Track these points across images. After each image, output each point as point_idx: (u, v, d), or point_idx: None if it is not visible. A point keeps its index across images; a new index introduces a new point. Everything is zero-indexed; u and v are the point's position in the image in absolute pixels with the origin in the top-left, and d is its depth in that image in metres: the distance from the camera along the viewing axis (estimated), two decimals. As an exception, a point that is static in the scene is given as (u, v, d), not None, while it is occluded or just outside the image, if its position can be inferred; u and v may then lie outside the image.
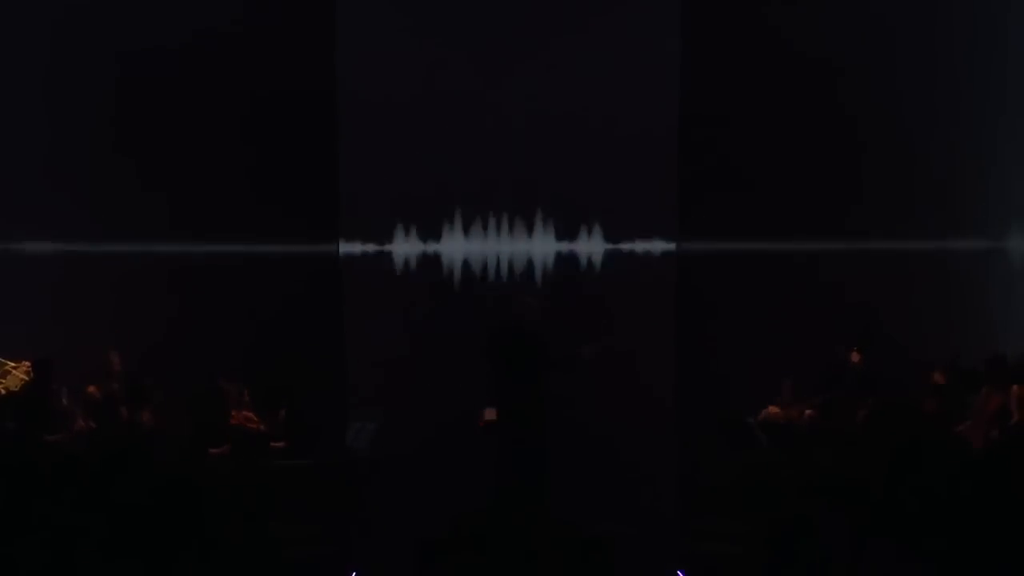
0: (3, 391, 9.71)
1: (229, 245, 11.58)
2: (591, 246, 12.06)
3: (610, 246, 12.04)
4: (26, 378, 9.78)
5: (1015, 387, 9.13)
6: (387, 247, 11.97)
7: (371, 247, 11.98)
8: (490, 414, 10.44)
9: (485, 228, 12.07)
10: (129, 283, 11.64)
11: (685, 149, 11.87)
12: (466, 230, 12.05)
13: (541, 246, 12.04)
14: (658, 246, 12.01)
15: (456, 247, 12.03)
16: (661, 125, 11.89)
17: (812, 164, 11.75)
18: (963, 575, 6.67)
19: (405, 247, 11.99)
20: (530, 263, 12.07)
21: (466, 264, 12.07)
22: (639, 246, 12.03)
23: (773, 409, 10.04)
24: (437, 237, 12.05)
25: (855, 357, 10.07)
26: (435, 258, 12.07)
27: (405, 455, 11.24)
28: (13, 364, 10.04)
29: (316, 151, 11.69)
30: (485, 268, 12.07)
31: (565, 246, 12.05)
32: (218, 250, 11.56)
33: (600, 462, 11.17)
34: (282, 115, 11.62)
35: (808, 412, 9.86)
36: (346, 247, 11.81)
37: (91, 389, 9.58)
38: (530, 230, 12.08)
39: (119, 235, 11.68)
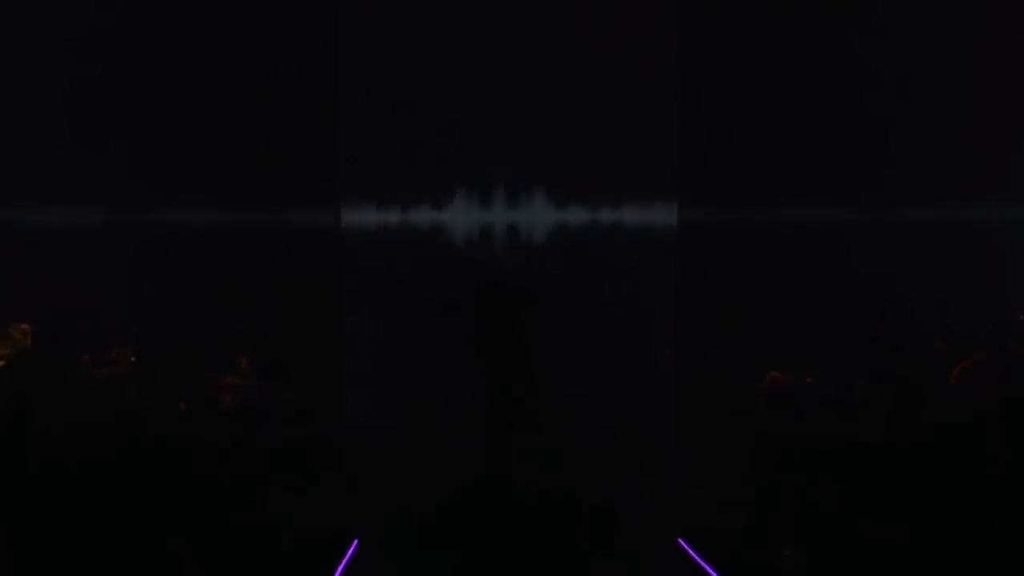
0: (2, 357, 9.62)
1: (226, 212, 11.53)
2: (591, 215, 12.05)
3: (612, 215, 12.03)
4: (20, 337, 9.69)
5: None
6: (386, 217, 11.97)
7: (370, 217, 11.99)
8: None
9: (481, 197, 12.07)
10: (115, 253, 11.61)
11: (686, 114, 11.82)
12: (461, 199, 12.06)
13: (538, 215, 12.05)
14: (659, 215, 11.97)
15: (452, 216, 12.01)
16: (660, 89, 11.82)
17: (816, 129, 11.72)
18: (959, 541, 6.78)
19: (403, 216, 12.01)
20: (527, 232, 12.09)
21: (462, 234, 12.08)
22: (640, 215, 12.02)
23: (775, 375, 10.07)
24: (434, 207, 12.03)
25: (873, 328, 10.06)
26: (433, 228, 12.06)
27: (406, 425, 11.29)
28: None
29: (315, 119, 11.63)
30: (481, 237, 12.09)
31: (564, 215, 12.03)
32: (215, 218, 11.50)
33: (599, 431, 11.24)
34: (281, 81, 11.62)
35: (808, 379, 9.88)
36: (346, 216, 11.81)
37: (85, 358, 9.49)
38: (527, 199, 12.08)
39: (104, 204, 11.66)
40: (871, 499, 7.59)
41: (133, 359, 8.95)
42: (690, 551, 9.07)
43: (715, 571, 8.43)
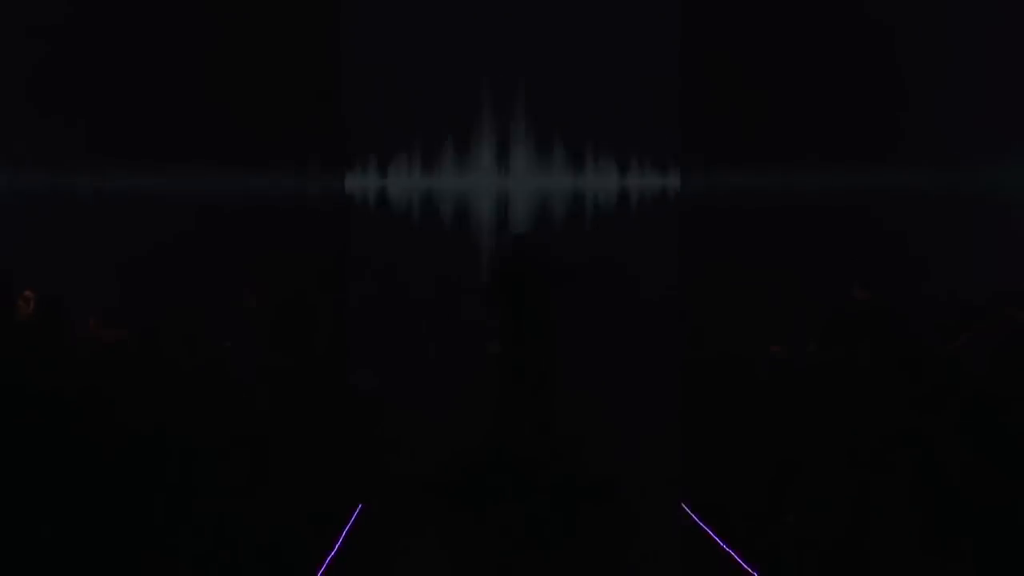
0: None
1: (225, 178, 11.44)
2: (589, 180, 12.05)
3: (610, 180, 12.10)
4: (23, 304, 9.70)
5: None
6: (386, 181, 12.08)
7: (376, 182, 12.06)
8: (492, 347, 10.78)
9: (482, 161, 12.14)
10: (116, 220, 11.43)
11: (687, 73, 11.63)
12: (463, 164, 12.13)
13: (540, 180, 12.07)
14: (664, 180, 11.97)
15: (455, 181, 12.05)
16: (662, 46, 11.70)
17: (823, 90, 11.48)
18: (962, 508, 6.86)
19: (404, 181, 12.02)
20: (529, 198, 12.09)
21: (467, 199, 12.19)
22: (641, 180, 12.07)
23: (775, 348, 10.20)
24: (437, 170, 12.11)
25: (860, 293, 10.17)
26: (437, 192, 12.11)
27: (411, 391, 11.43)
28: None
29: (318, 83, 11.50)
30: (485, 203, 12.19)
31: (564, 180, 12.05)
32: (217, 184, 11.42)
33: (603, 399, 11.37)
34: (278, 38, 11.40)
35: (809, 347, 9.99)
36: (350, 180, 11.80)
37: (92, 324, 9.52)
38: (529, 164, 12.14)
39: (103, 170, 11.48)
40: (875, 466, 7.69)
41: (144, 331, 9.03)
42: (692, 516, 9.29)
43: (716, 535, 8.59)
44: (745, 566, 7.81)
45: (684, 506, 9.56)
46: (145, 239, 11.29)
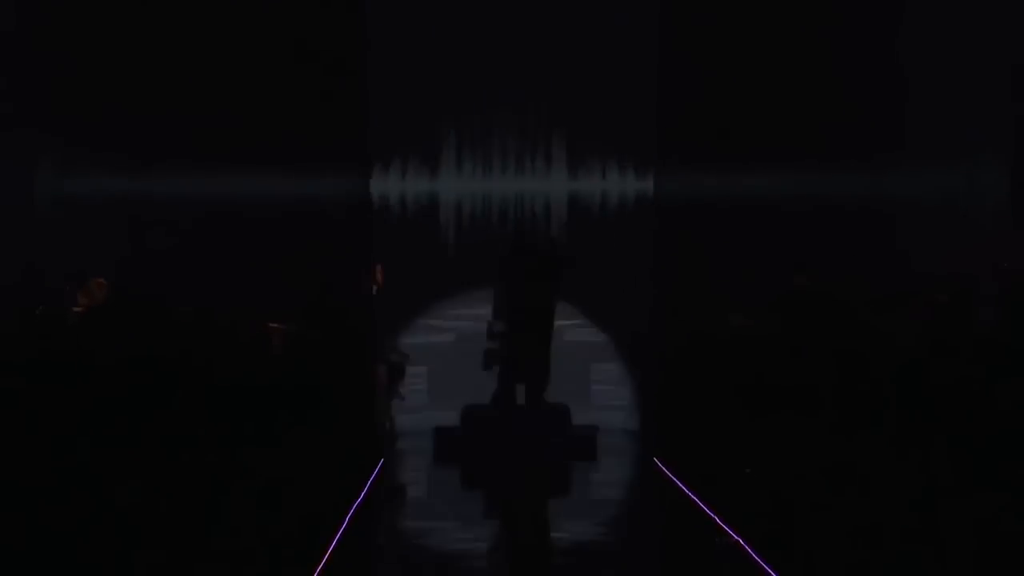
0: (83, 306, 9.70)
1: (251, 180, 11.49)
2: (579, 184, 12.43)
3: (585, 182, 12.44)
4: (96, 290, 9.74)
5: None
6: (407, 186, 12.43)
7: (395, 185, 12.38)
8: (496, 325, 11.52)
9: (484, 168, 12.47)
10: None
11: (664, 81, 11.69)
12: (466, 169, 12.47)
13: (538, 183, 12.45)
14: (639, 183, 12.37)
15: (461, 185, 12.44)
16: (642, 63, 11.81)
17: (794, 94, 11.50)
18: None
19: (397, 185, 12.37)
20: (529, 199, 12.47)
21: (453, 201, 12.49)
22: (612, 184, 12.46)
23: (737, 319, 10.45)
24: (441, 175, 12.45)
25: (798, 279, 10.53)
26: (444, 195, 12.51)
27: (425, 362, 12.05)
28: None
29: (343, 90, 11.45)
30: (472, 205, 12.51)
31: (559, 183, 12.41)
32: (252, 186, 11.48)
33: (588, 365, 12.15)
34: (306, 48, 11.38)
35: (770, 323, 10.15)
36: (374, 185, 11.84)
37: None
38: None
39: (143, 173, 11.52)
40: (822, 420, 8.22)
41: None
42: (663, 467, 9.86)
43: (684, 485, 9.13)
44: (707, 510, 8.23)
45: (656, 460, 10.03)
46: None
